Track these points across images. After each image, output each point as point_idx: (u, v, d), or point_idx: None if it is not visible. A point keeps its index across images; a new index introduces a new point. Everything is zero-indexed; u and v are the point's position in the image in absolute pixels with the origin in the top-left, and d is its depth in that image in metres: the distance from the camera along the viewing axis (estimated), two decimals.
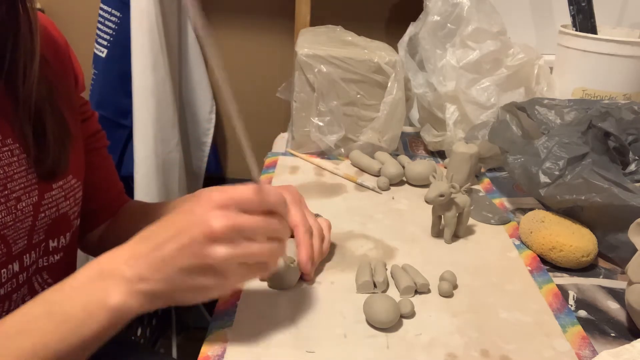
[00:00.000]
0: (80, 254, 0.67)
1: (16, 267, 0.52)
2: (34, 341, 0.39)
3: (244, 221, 0.40)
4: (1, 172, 0.48)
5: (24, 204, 0.50)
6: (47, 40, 0.57)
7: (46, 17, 0.59)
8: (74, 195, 0.57)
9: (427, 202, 0.60)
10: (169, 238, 0.40)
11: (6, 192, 0.49)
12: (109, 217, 0.69)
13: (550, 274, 0.58)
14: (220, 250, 0.39)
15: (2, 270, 0.50)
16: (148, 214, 0.66)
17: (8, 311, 0.53)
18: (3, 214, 0.48)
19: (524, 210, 0.72)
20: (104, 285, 0.40)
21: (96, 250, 0.71)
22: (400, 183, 0.79)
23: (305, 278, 0.54)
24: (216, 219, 0.39)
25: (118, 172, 1.33)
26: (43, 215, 0.53)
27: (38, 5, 1.37)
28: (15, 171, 0.50)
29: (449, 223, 0.62)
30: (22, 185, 0.50)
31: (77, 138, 0.59)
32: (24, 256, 0.52)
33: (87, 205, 0.63)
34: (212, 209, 0.39)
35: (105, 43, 1.28)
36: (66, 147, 0.55)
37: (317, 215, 0.58)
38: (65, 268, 0.61)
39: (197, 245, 0.39)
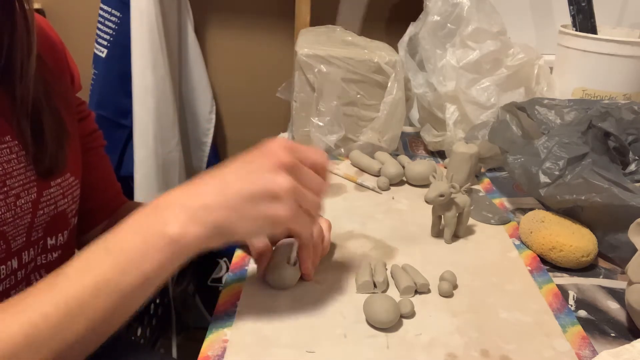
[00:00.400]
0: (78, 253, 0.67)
1: (15, 264, 0.52)
2: (95, 278, 0.39)
3: (303, 167, 0.44)
4: (0, 169, 0.49)
5: (22, 201, 0.51)
6: (43, 40, 0.57)
7: (42, 17, 0.59)
8: (71, 193, 0.57)
9: (427, 202, 0.60)
10: (236, 168, 0.43)
11: (5, 189, 0.49)
12: (106, 217, 0.69)
13: (550, 274, 0.58)
14: (286, 179, 0.42)
15: (1, 267, 0.50)
16: None
17: None
18: (3, 210, 0.48)
19: (524, 210, 0.72)
20: (162, 216, 0.41)
21: None
22: (400, 183, 0.79)
23: (305, 278, 0.54)
24: (284, 154, 0.42)
25: (118, 172, 1.33)
26: (41, 212, 0.53)
27: (38, 5, 1.37)
28: (14, 168, 0.50)
29: (449, 223, 0.62)
30: (21, 182, 0.51)
31: (74, 136, 0.59)
32: (23, 253, 0.53)
33: (84, 204, 0.63)
34: (279, 147, 0.43)
35: (105, 43, 1.28)
36: (63, 145, 0.55)
37: None
38: None
39: (264, 172, 0.42)
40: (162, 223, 0.40)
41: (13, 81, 0.50)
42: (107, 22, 1.26)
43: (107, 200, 0.69)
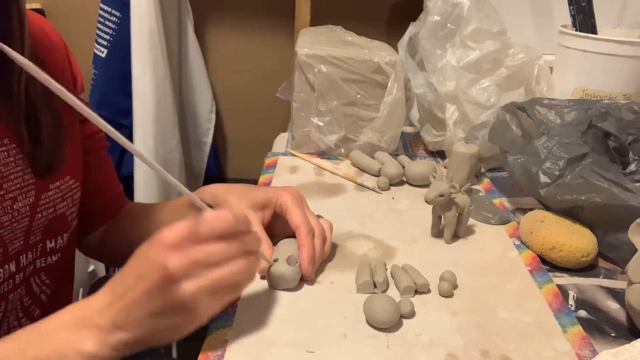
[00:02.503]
0: (78, 255, 0.67)
1: (12, 267, 0.52)
2: None
3: (200, 253, 0.39)
4: None
5: (20, 204, 0.50)
6: (43, 41, 0.56)
7: (43, 18, 0.59)
8: (71, 196, 0.57)
9: (427, 202, 0.60)
10: (131, 285, 0.39)
11: (2, 192, 0.49)
12: (108, 219, 0.68)
13: (550, 274, 0.58)
14: (186, 288, 0.39)
15: None
16: (148, 216, 0.65)
17: (5, 311, 0.53)
18: None
19: (524, 210, 0.72)
20: (79, 333, 0.40)
21: (97, 252, 0.70)
22: (400, 183, 0.79)
23: (305, 278, 0.54)
24: (171, 259, 0.38)
25: (118, 172, 1.33)
26: (40, 215, 0.53)
27: (38, 5, 1.37)
28: (11, 171, 0.50)
29: (449, 223, 0.62)
30: (19, 185, 0.50)
31: (73, 138, 0.58)
32: (21, 256, 0.52)
33: (86, 206, 0.62)
34: (164, 249, 0.39)
35: (105, 43, 1.28)
36: (61, 145, 0.54)
37: (318, 217, 0.58)
38: (62, 269, 0.60)
39: (160, 289, 0.38)
40: (78, 340, 0.40)
41: (9, 82, 0.49)
42: (107, 22, 1.26)
43: (110, 202, 0.68)
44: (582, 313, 0.52)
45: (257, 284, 0.53)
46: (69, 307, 0.42)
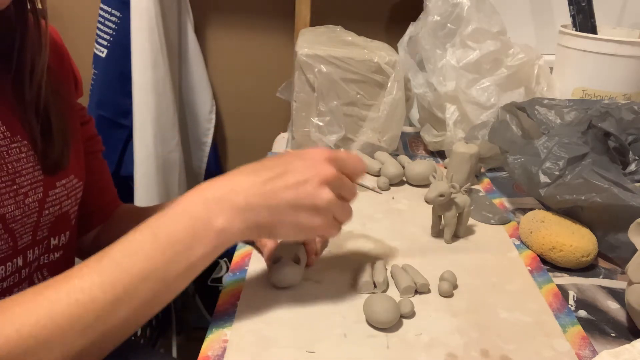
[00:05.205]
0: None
1: (20, 261, 0.53)
2: (143, 265, 0.40)
3: (343, 178, 0.47)
4: (10, 167, 0.50)
5: (30, 200, 0.52)
6: (51, 47, 0.58)
7: (50, 25, 0.60)
8: (75, 195, 0.58)
9: (427, 202, 0.60)
10: (281, 174, 0.45)
11: (15, 187, 0.50)
12: (102, 220, 0.69)
13: (550, 274, 0.58)
14: (327, 193, 0.45)
15: (8, 264, 0.51)
16: (141, 218, 0.66)
17: None
18: (12, 207, 0.49)
19: (524, 210, 0.72)
20: (209, 209, 0.42)
21: (90, 254, 0.71)
22: (400, 183, 0.79)
23: (309, 262, 0.55)
24: (328, 168, 0.45)
25: (118, 172, 1.33)
26: (47, 212, 0.54)
27: (38, 6, 1.37)
28: (23, 167, 0.51)
29: (449, 223, 0.62)
30: (29, 181, 0.52)
31: (77, 139, 0.60)
32: (28, 251, 0.53)
33: (81, 208, 0.63)
34: (323, 159, 0.46)
35: (105, 43, 1.28)
36: (68, 143, 0.56)
37: None
38: (63, 267, 0.61)
39: (310, 186, 0.44)
40: (210, 216, 0.42)
41: (24, 82, 0.51)
42: (107, 22, 1.26)
43: (104, 204, 0.70)
44: (582, 313, 0.52)
45: (257, 284, 0.53)
46: (193, 190, 0.44)
